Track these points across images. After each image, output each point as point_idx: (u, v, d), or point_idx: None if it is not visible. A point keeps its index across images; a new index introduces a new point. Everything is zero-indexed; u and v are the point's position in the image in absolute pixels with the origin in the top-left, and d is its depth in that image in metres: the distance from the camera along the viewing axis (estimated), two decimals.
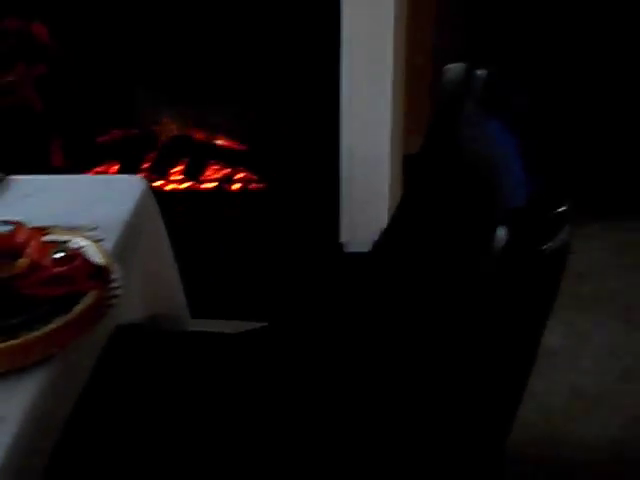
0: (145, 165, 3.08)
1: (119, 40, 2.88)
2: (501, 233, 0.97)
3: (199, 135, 3.11)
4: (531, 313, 1.09)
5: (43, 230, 1.38)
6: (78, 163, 2.93)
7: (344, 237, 2.88)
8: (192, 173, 3.07)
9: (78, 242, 1.41)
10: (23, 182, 1.77)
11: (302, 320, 1.83)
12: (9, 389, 1.16)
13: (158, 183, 3.03)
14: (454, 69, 1.40)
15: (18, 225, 1.38)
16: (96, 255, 1.38)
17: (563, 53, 3.02)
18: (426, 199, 1.44)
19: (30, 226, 1.38)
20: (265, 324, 1.76)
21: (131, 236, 1.58)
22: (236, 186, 3.07)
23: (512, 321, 1.09)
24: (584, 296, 2.75)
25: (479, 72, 1.37)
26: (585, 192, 3.01)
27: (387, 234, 1.57)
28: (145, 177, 2.86)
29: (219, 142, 3.11)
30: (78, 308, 1.25)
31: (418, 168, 1.51)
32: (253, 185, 3.06)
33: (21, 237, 1.34)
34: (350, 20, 2.59)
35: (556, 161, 1.13)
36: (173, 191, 3.06)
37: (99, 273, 1.32)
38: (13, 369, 1.18)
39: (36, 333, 1.21)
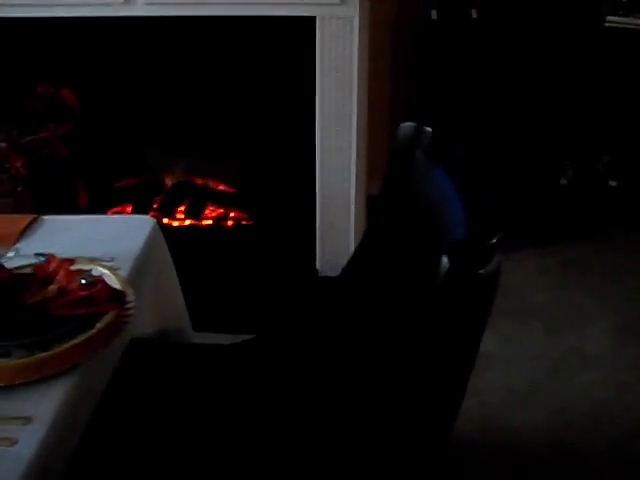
0: (154, 206, 3.04)
1: (133, 104, 2.87)
2: (444, 261, 0.96)
3: (199, 181, 3.09)
4: (470, 325, 1.08)
5: (70, 261, 1.36)
6: (98, 204, 2.90)
7: (319, 264, 2.87)
8: (193, 212, 3.04)
9: (99, 271, 1.40)
10: (53, 221, 1.74)
11: (285, 331, 1.82)
12: (40, 394, 1.15)
13: (165, 221, 3.00)
14: (407, 127, 1.40)
15: (50, 257, 1.36)
16: (114, 281, 1.38)
17: (491, 114, 3.05)
18: (384, 233, 1.44)
19: (59, 257, 1.37)
20: (254, 336, 1.75)
21: (143, 265, 1.57)
22: (229, 223, 3.05)
23: (455, 331, 1.08)
24: (515, 309, 2.73)
25: (426, 129, 1.38)
26: (515, 224, 3.05)
27: (352, 262, 1.57)
28: (154, 216, 2.85)
29: (215, 187, 3.10)
30: (99, 325, 1.25)
31: (377, 207, 1.51)
32: (244, 222, 3.04)
33: (52, 266, 1.33)
34: (323, 92, 2.61)
35: (488, 201, 1.13)
36: (178, 227, 3.03)
37: (116, 296, 1.31)
38: (44, 377, 1.17)
39: (64, 346, 1.20)
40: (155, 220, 1.75)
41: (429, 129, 1.35)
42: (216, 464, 1.35)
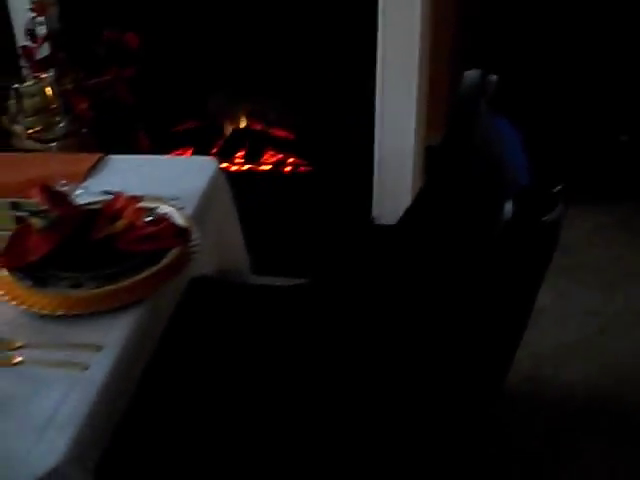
0: (214, 150, 3.07)
1: (195, 50, 2.89)
2: (509, 207, 0.96)
3: (258, 127, 3.11)
4: (532, 272, 1.08)
5: (137, 198, 1.38)
6: (160, 147, 2.92)
7: (375, 212, 2.87)
8: (252, 158, 3.07)
9: (164, 208, 1.43)
10: (119, 161, 1.78)
11: (340, 277, 1.84)
12: (109, 324, 1.19)
13: (224, 165, 3.03)
14: (471, 74, 1.38)
15: (118, 194, 1.39)
16: (179, 219, 1.41)
17: (558, 61, 3.00)
18: (445, 181, 1.44)
19: (127, 195, 1.39)
20: (308, 280, 1.77)
21: (206, 205, 1.59)
22: (288, 169, 3.06)
23: (516, 278, 1.09)
24: (570, 266, 2.72)
25: (491, 77, 1.36)
26: (573, 180, 3.00)
27: (411, 210, 1.57)
28: None
29: (275, 133, 3.10)
30: (165, 261, 1.28)
31: (439, 156, 1.51)
32: (302, 168, 3.05)
33: (120, 204, 1.36)
34: (384, 40, 2.59)
35: (552, 151, 1.12)
36: (236, 172, 3.05)
37: (181, 233, 1.34)
38: (112, 308, 1.21)
39: (132, 280, 1.24)
40: (217, 162, 1.77)
41: (494, 77, 1.34)
42: (265, 396, 1.38)
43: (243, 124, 3.11)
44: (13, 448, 0.96)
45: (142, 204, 1.38)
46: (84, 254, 1.27)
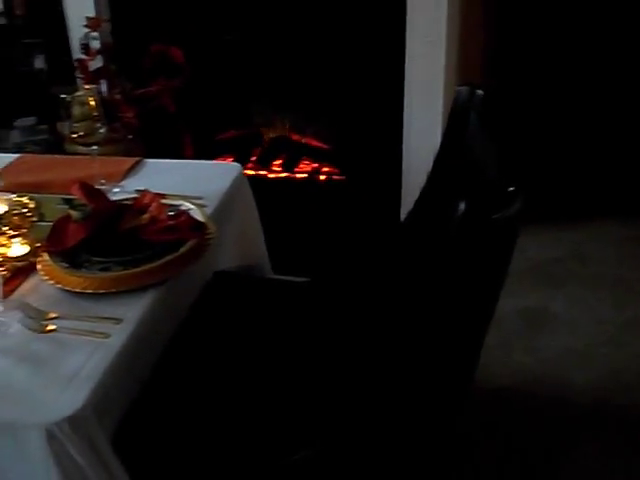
0: (253, 158, 3.25)
1: (241, 63, 3.09)
2: (461, 205, 1.08)
3: (295, 137, 3.27)
4: (486, 269, 1.18)
5: (161, 195, 1.58)
6: (203, 155, 3.07)
7: (403, 217, 3.00)
8: (288, 166, 3.23)
9: (187, 206, 1.62)
10: (153, 164, 1.98)
11: (342, 275, 1.99)
12: (132, 301, 1.38)
13: (262, 173, 3.21)
14: (462, 90, 1.55)
15: (144, 191, 1.60)
16: (199, 215, 1.60)
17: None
18: (438, 185, 1.59)
19: (152, 192, 1.59)
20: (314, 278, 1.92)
21: (227, 205, 1.78)
22: (322, 177, 3.21)
23: (471, 276, 1.17)
24: (587, 276, 2.82)
25: (479, 92, 1.52)
26: (596, 196, 3.13)
27: (411, 213, 1.73)
28: (252, 168, 3.08)
29: (311, 143, 3.26)
30: (182, 249, 1.47)
31: (434, 162, 1.66)
32: (335, 177, 3.20)
33: (146, 199, 1.56)
34: (412, 59, 2.76)
35: (515, 158, 1.25)
36: (274, 179, 3.22)
37: (198, 227, 1.53)
38: (136, 288, 1.40)
39: (152, 264, 1.43)
40: (240, 166, 1.95)
41: (481, 92, 1.49)
42: (269, 376, 1.52)
43: (281, 134, 3.28)
44: (43, 396, 1.17)
45: (166, 201, 1.58)
46: (113, 242, 1.47)
